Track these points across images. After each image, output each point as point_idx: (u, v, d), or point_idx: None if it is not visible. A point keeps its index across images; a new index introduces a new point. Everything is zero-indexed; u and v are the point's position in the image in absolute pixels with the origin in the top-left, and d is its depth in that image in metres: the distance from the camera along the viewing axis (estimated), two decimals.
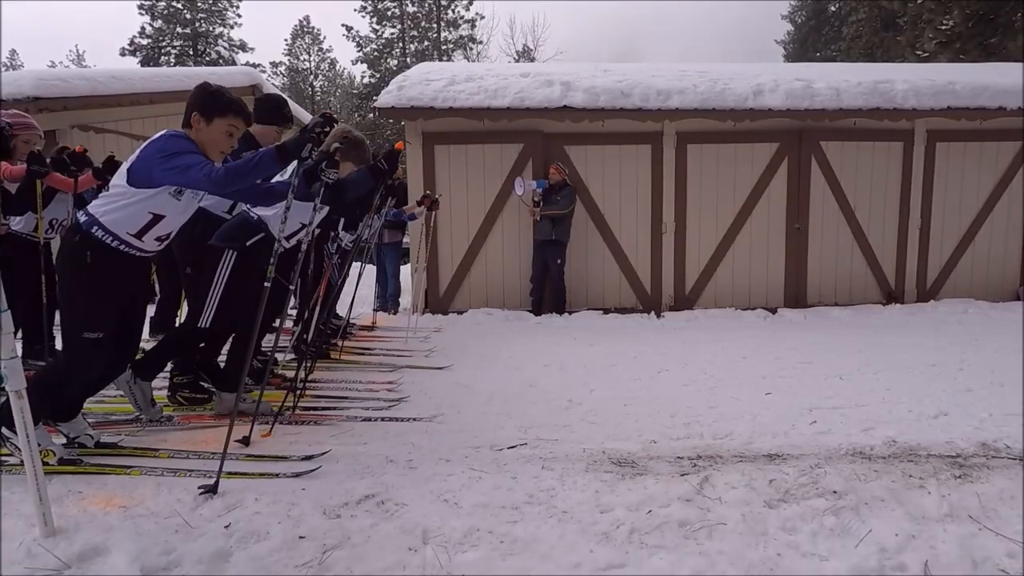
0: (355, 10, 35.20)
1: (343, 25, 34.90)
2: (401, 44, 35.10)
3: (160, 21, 35.04)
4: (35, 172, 3.94)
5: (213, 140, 2.73)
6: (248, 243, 3.45)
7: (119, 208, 2.64)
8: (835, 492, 2.58)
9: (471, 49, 34.80)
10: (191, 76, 11.33)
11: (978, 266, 7.88)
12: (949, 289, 7.86)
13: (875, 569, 2.07)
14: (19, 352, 2.34)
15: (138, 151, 2.68)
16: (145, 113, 10.04)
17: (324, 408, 3.83)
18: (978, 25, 17.00)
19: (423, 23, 35.14)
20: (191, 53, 35.42)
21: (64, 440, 2.88)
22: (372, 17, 34.92)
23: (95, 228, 2.64)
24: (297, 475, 2.73)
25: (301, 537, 2.24)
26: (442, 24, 35.04)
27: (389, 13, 34.94)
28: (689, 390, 4.21)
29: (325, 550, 2.16)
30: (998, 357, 4.99)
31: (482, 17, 36.04)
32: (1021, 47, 15.70)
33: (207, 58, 35.09)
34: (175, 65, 33.35)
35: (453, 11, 34.76)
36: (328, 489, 2.60)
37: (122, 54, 34.77)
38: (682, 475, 2.76)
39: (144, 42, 34.79)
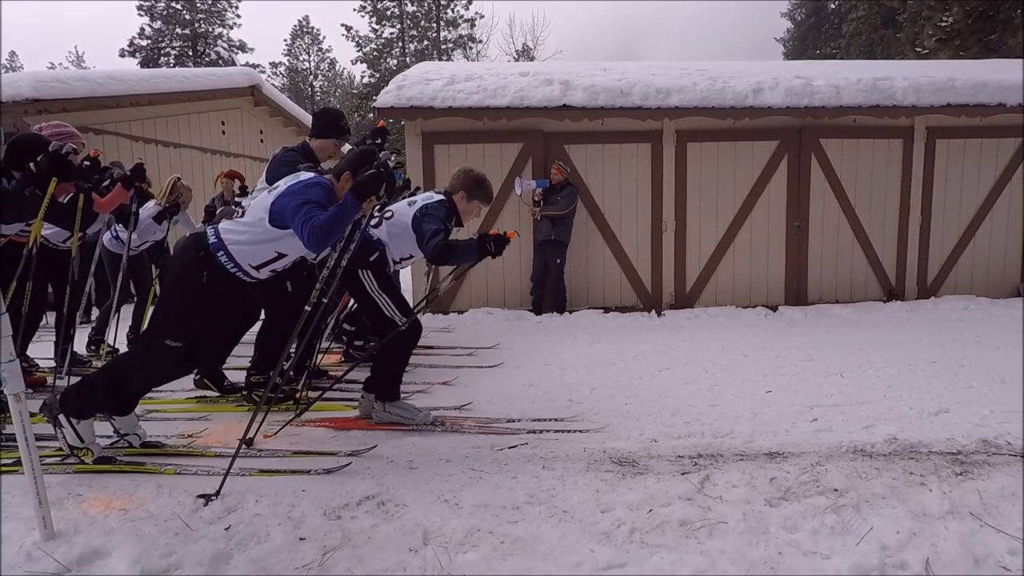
0: (354, 10, 35.31)
1: (342, 25, 34.95)
2: (400, 44, 35.08)
3: (159, 22, 35.03)
4: (80, 187, 3.94)
5: None
6: (372, 259, 3.53)
7: (250, 242, 2.72)
8: (836, 490, 2.57)
9: (471, 48, 34.79)
10: (190, 77, 11.36)
11: (978, 262, 7.87)
12: (950, 286, 7.84)
13: (876, 567, 2.07)
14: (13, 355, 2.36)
15: (283, 187, 2.74)
16: (144, 114, 10.04)
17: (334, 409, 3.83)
18: (978, 22, 16.98)
19: (422, 22, 35.12)
20: (190, 54, 35.41)
21: (113, 434, 2.94)
22: (371, 17, 34.91)
23: (220, 253, 2.71)
24: (329, 471, 2.76)
25: (301, 539, 2.24)
26: (441, 23, 35.02)
27: (388, 13, 34.92)
28: (690, 388, 4.20)
29: (325, 551, 2.16)
30: (999, 354, 4.98)
31: (481, 16, 36.12)
32: (1021, 44, 15.68)
33: (206, 59, 35.08)
34: (174, 66, 33.34)
35: (452, 10, 34.74)
36: (328, 490, 2.61)
37: (121, 55, 34.79)
38: (683, 474, 2.76)
39: (143, 43, 34.79)
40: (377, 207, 3.03)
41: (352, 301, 4.81)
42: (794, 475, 2.72)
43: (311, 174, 2.84)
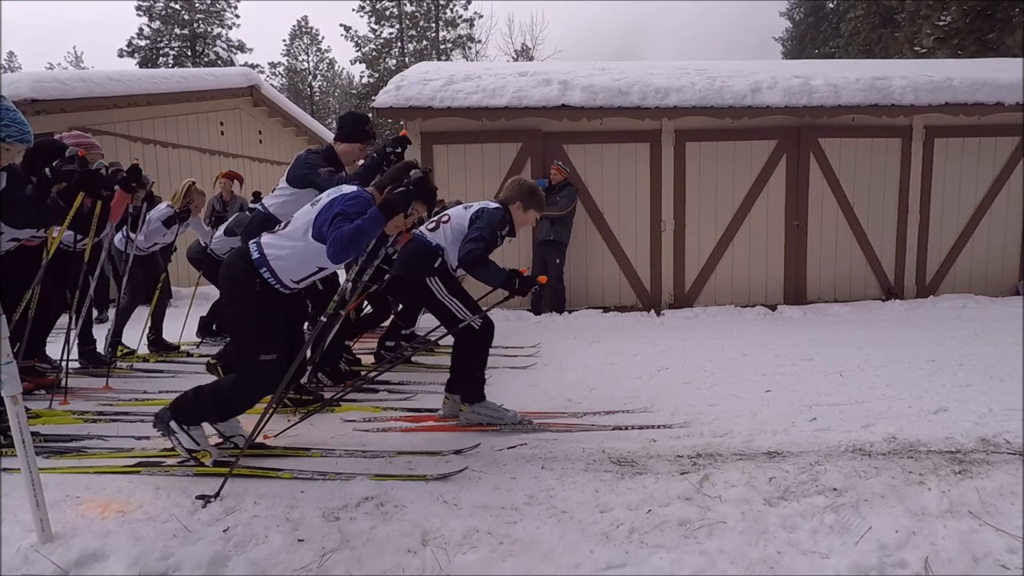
0: (353, 10, 35.28)
1: (341, 25, 35.01)
2: (399, 44, 35.06)
3: (158, 22, 34.97)
4: (98, 194, 3.95)
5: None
6: (436, 265, 3.51)
7: (292, 257, 2.74)
8: (835, 489, 2.57)
9: (469, 48, 34.78)
10: (189, 77, 11.34)
11: (977, 261, 7.87)
12: (948, 284, 7.85)
13: (875, 566, 2.07)
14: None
15: (325, 200, 2.76)
16: (143, 115, 10.02)
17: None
18: (976, 21, 16.99)
19: (421, 23, 35.10)
20: (189, 54, 35.36)
21: (218, 438, 2.99)
22: (370, 17, 34.89)
23: (264, 269, 2.74)
24: (445, 476, 2.75)
25: (300, 540, 2.23)
26: (440, 23, 35.00)
27: (387, 13, 34.90)
28: (689, 388, 4.20)
29: (324, 553, 2.16)
30: (998, 352, 4.98)
31: (480, 16, 36.06)
32: (1019, 43, 15.70)
33: (205, 59, 35.03)
34: (173, 66, 33.30)
35: (451, 10, 34.73)
36: (327, 492, 2.60)
37: (120, 55, 34.74)
38: (682, 474, 2.76)
39: (142, 43, 34.73)
40: (411, 224, 3.02)
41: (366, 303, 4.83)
42: (793, 474, 2.72)
43: (353, 188, 2.86)
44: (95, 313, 6.34)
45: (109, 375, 4.48)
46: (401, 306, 5.08)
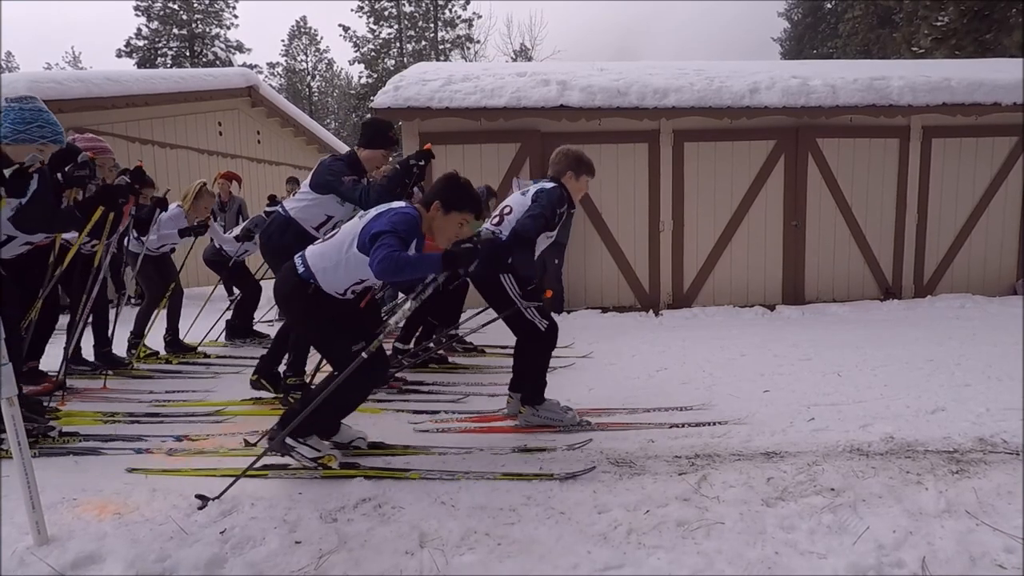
0: (352, 10, 35.21)
1: (340, 25, 35.05)
2: (398, 44, 35.07)
3: (156, 22, 34.94)
4: (116, 207, 3.95)
5: (443, 228, 2.89)
6: (510, 261, 3.45)
7: (336, 268, 2.78)
8: (833, 489, 2.57)
9: (468, 49, 34.78)
10: (187, 78, 11.33)
11: (975, 261, 7.88)
12: (946, 284, 7.86)
13: (873, 566, 2.07)
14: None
15: (372, 214, 2.80)
16: (141, 115, 10.02)
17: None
18: (973, 21, 17.04)
19: (420, 23, 35.11)
20: (188, 54, 35.34)
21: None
22: (369, 17, 34.91)
23: (311, 281, 2.79)
24: (573, 476, 2.75)
25: (297, 542, 2.23)
26: (439, 24, 35.00)
27: (386, 13, 34.91)
28: (687, 388, 4.20)
29: (321, 555, 2.15)
30: (996, 352, 4.98)
31: (479, 16, 35.97)
32: (1017, 43, 15.74)
33: (204, 59, 35.01)
34: (171, 67, 33.27)
35: (450, 11, 34.73)
36: (325, 493, 2.60)
37: (118, 55, 34.73)
38: (680, 474, 2.76)
39: (140, 43, 34.71)
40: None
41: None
42: (791, 475, 2.72)
43: (403, 203, 2.88)
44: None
45: (107, 376, 4.47)
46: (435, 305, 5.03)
